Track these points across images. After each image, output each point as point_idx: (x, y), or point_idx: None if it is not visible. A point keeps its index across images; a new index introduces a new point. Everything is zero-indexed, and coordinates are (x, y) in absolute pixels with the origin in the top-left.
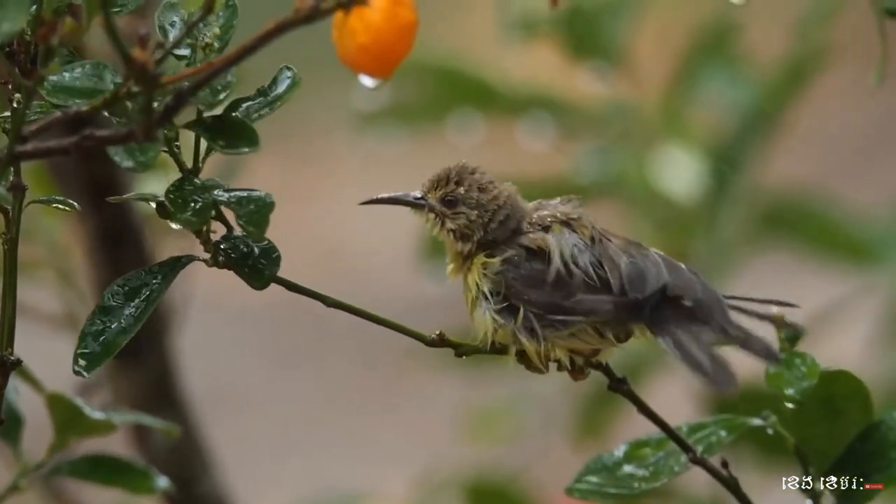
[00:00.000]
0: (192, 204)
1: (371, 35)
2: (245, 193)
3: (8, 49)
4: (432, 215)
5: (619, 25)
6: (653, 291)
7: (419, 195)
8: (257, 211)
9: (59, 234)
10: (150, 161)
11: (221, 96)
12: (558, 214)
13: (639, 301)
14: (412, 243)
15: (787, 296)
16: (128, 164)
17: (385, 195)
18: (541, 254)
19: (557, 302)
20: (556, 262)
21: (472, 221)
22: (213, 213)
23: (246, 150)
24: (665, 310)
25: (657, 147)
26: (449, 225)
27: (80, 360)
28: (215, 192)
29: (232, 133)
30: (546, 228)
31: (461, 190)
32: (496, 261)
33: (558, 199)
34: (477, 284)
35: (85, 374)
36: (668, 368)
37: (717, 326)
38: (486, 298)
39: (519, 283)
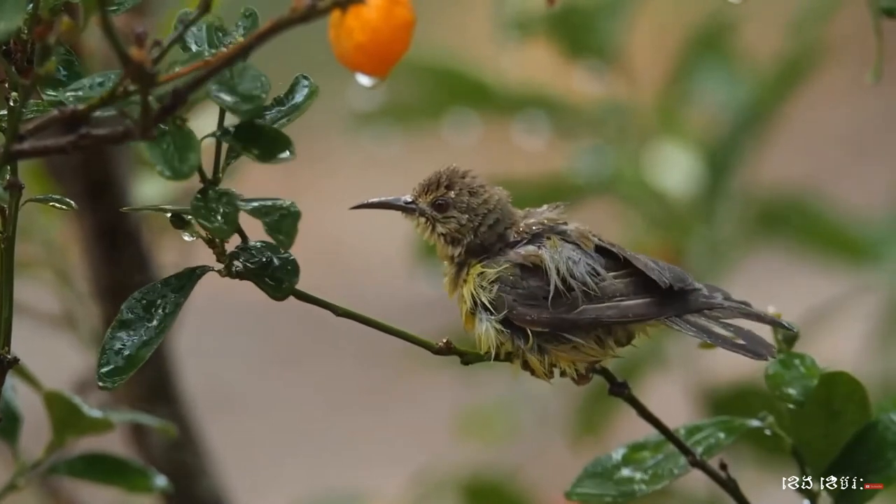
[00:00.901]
0: (219, 213)
1: (368, 34)
2: (270, 202)
3: (5, 48)
4: (423, 219)
5: (614, 24)
6: (691, 283)
7: (410, 199)
8: (284, 219)
9: (57, 232)
10: (188, 170)
11: (256, 103)
12: (546, 221)
13: (683, 291)
14: (410, 243)
15: (783, 294)
16: (167, 174)
17: (375, 199)
18: (536, 270)
19: (561, 317)
20: (554, 277)
21: (463, 225)
22: None
23: (281, 158)
24: (682, 303)
25: (653, 145)
26: (439, 229)
27: (104, 374)
28: (239, 202)
29: (266, 141)
30: (536, 237)
31: (452, 194)
32: (492, 272)
33: (545, 207)
34: (473, 296)
35: (111, 387)
36: (664, 368)
37: (732, 308)
38: (486, 310)
39: (520, 305)
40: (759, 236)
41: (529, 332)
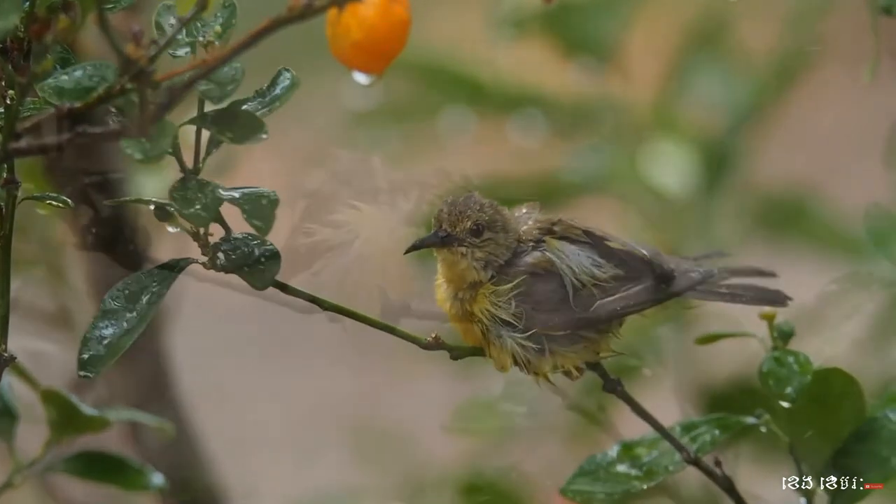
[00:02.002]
0: (199, 201)
1: (365, 32)
2: (249, 190)
3: (1, 46)
4: (462, 249)
5: (610, 22)
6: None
7: (444, 233)
8: (263, 207)
9: (53, 230)
10: (158, 153)
11: (230, 88)
12: (539, 226)
13: (672, 272)
14: (405, 240)
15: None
16: (138, 156)
17: (417, 241)
18: (547, 275)
19: (581, 317)
20: (569, 277)
21: (500, 245)
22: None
23: (254, 140)
24: (681, 278)
25: (649, 143)
26: (477, 255)
27: (84, 362)
28: (219, 191)
29: (239, 124)
30: (538, 243)
31: (485, 217)
32: (506, 288)
33: (524, 210)
34: (490, 313)
35: (90, 375)
36: (660, 365)
37: (722, 272)
38: (508, 326)
39: (540, 313)
40: (756, 234)
41: (545, 338)
